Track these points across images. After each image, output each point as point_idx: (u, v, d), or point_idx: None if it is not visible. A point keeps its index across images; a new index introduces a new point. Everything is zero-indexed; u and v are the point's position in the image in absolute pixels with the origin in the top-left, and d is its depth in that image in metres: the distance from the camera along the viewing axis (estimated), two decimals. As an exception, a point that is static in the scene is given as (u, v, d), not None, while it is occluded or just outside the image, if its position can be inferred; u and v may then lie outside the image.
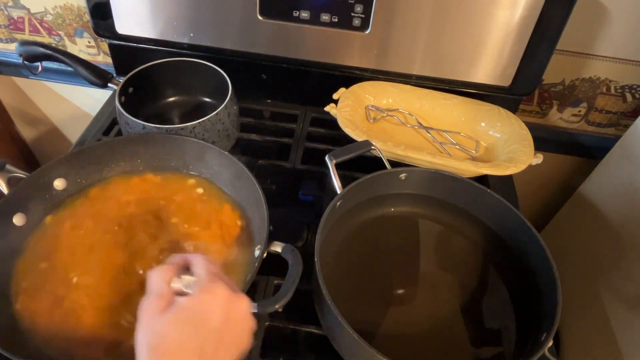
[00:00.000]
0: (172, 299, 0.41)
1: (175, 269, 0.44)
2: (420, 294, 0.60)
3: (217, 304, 0.41)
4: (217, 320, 0.40)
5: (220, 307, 0.41)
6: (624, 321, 0.85)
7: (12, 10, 0.98)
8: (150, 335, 0.39)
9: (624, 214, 0.87)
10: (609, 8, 0.80)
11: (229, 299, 0.42)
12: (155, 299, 0.41)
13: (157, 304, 0.40)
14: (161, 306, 0.40)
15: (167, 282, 0.42)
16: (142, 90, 0.79)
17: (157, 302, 0.41)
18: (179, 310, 0.40)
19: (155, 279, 0.43)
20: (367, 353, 0.47)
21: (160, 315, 0.40)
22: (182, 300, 0.41)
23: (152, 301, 0.41)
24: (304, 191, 0.79)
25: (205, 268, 0.43)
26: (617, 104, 0.96)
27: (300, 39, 0.81)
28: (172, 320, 0.39)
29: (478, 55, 0.79)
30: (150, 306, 0.41)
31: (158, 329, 0.39)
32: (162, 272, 0.43)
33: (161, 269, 0.43)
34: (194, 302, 0.41)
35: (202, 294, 0.41)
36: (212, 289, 0.41)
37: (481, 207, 0.67)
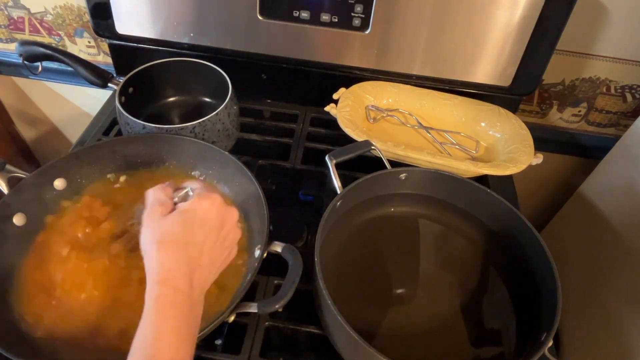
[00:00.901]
0: (173, 207, 0.46)
1: (172, 187, 0.49)
2: (420, 294, 0.60)
3: (214, 208, 0.46)
4: (214, 221, 0.45)
5: (217, 210, 0.46)
6: (624, 321, 0.85)
7: (12, 10, 0.98)
8: (157, 232, 0.43)
9: (624, 214, 0.87)
10: (609, 8, 0.80)
11: (223, 206, 0.47)
12: (158, 206, 0.45)
13: (161, 210, 0.45)
14: (165, 211, 0.45)
15: (168, 195, 0.47)
16: (142, 90, 0.79)
17: (160, 208, 0.45)
18: (182, 212, 0.44)
19: (154, 193, 0.47)
20: (367, 353, 0.47)
21: (165, 217, 0.44)
22: (183, 204, 0.46)
23: (156, 208, 0.45)
24: (304, 191, 0.79)
25: (200, 184, 0.48)
26: (617, 104, 0.96)
27: (300, 39, 0.81)
28: (177, 219, 0.44)
29: (478, 55, 0.79)
30: (154, 211, 0.45)
31: (164, 226, 0.43)
32: (161, 187, 0.48)
33: (160, 186, 0.48)
34: (195, 204, 0.45)
35: (201, 199, 0.45)
36: (209, 196, 0.46)
37: (481, 207, 0.67)
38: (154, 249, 0.42)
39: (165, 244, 0.42)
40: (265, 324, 0.59)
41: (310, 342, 0.62)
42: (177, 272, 0.41)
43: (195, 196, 0.46)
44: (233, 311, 0.52)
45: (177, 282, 0.40)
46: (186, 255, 0.42)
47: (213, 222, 0.45)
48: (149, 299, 0.40)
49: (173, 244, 0.42)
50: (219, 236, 0.46)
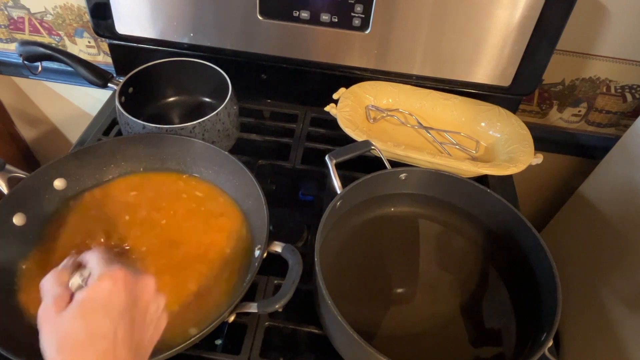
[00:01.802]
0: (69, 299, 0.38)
1: (68, 271, 0.41)
2: (420, 293, 0.60)
3: (118, 287, 0.38)
4: (122, 302, 0.38)
5: (123, 288, 0.38)
6: (624, 321, 0.85)
7: (12, 10, 0.98)
8: (55, 336, 0.36)
9: (624, 214, 0.87)
10: (609, 8, 0.80)
11: (131, 279, 0.39)
12: (52, 303, 0.38)
13: (55, 307, 0.38)
14: (60, 307, 0.38)
15: (62, 284, 0.40)
16: (142, 90, 0.79)
17: (54, 305, 0.38)
18: (79, 303, 0.37)
19: (47, 284, 0.40)
20: (367, 353, 0.47)
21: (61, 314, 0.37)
22: (79, 294, 0.38)
23: (48, 306, 0.38)
24: (304, 191, 0.79)
25: (99, 258, 0.41)
26: (617, 104, 0.96)
27: (300, 39, 0.81)
28: (75, 314, 0.37)
29: (478, 55, 0.79)
30: (47, 311, 0.38)
31: (62, 327, 0.36)
32: (55, 276, 0.40)
33: (53, 273, 0.40)
34: (94, 290, 0.38)
35: (100, 281, 0.38)
36: (109, 273, 0.39)
37: (481, 207, 0.67)
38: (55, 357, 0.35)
39: (67, 349, 0.35)
40: (265, 324, 0.59)
41: (310, 342, 0.62)
42: None
43: (93, 279, 0.39)
44: (233, 311, 0.52)
45: None
46: (95, 354, 0.35)
47: (122, 304, 0.38)
48: None
49: (76, 346, 0.35)
50: (134, 317, 0.38)
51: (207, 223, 0.64)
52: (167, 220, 0.64)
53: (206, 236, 0.62)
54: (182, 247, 0.61)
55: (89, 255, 0.42)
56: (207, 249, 0.61)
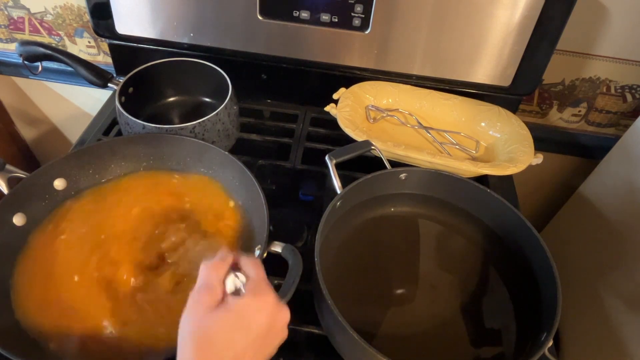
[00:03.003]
0: (222, 296, 0.41)
1: (227, 266, 0.43)
2: (420, 294, 0.60)
3: (264, 312, 0.41)
4: (262, 328, 0.40)
5: (267, 315, 0.41)
6: (624, 321, 0.85)
7: (12, 10, 0.98)
8: (197, 328, 0.39)
9: (624, 214, 0.87)
10: (609, 8, 0.80)
11: (276, 309, 0.42)
12: (207, 294, 0.41)
13: (208, 300, 0.40)
14: (212, 302, 0.40)
15: (220, 279, 0.42)
16: (142, 90, 0.79)
17: (208, 297, 0.40)
18: (229, 312, 0.40)
19: (208, 273, 0.42)
20: (367, 353, 0.47)
21: (210, 311, 0.40)
22: (233, 301, 0.41)
23: (203, 295, 0.40)
24: (304, 191, 0.79)
25: (257, 271, 0.43)
26: (617, 104, 0.96)
27: (300, 39, 0.81)
28: (221, 320, 0.39)
29: (478, 55, 0.79)
30: (201, 300, 0.40)
31: (206, 324, 0.39)
32: (216, 267, 0.42)
33: (215, 264, 0.43)
34: (245, 305, 0.40)
35: (253, 299, 0.41)
36: (263, 295, 0.41)
37: (481, 207, 0.67)
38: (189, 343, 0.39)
39: (202, 346, 0.38)
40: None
41: (310, 342, 0.62)
42: None
43: (247, 294, 0.41)
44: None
45: None
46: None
47: (260, 328, 0.40)
48: None
49: (209, 348, 0.38)
50: (263, 343, 0.41)
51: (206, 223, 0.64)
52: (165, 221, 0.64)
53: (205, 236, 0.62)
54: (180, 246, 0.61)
55: (247, 260, 0.44)
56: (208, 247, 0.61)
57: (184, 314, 0.40)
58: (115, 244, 0.60)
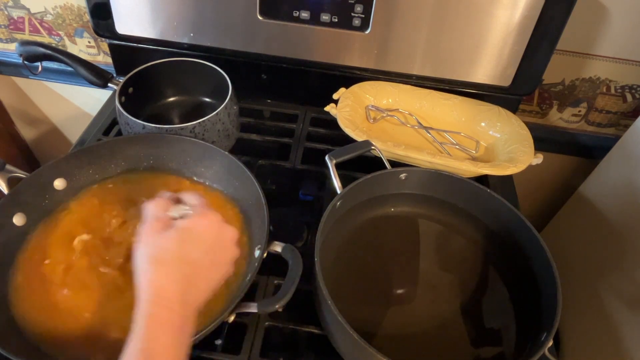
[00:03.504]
0: (170, 223, 0.45)
1: (170, 202, 0.48)
2: (420, 294, 0.60)
3: (211, 226, 0.46)
4: (210, 240, 0.45)
5: (214, 229, 0.46)
6: (624, 321, 0.85)
7: (12, 10, 0.98)
8: (152, 248, 0.43)
9: (624, 214, 0.87)
10: (609, 8, 0.80)
11: (221, 225, 0.47)
12: (156, 221, 0.45)
13: (157, 225, 0.45)
14: (161, 227, 0.44)
15: (165, 210, 0.46)
16: (142, 90, 0.79)
17: (157, 223, 0.45)
18: (179, 229, 0.44)
19: (153, 207, 0.47)
20: (367, 353, 0.47)
21: (161, 232, 0.44)
22: (180, 221, 0.45)
23: (152, 222, 0.45)
24: (304, 191, 0.79)
25: (198, 200, 0.48)
26: (617, 104, 0.96)
27: (300, 39, 0.81)
28: (173, 236, 0.44)
29: (478, 55, 0.79)
30: (151, 226, 0.45)
31: (159, 243, 0.43)
32: (159, 202, 0.47)
33: (157, 200, 0.47)
34: (192, 223, 0.45)
35: (198, 217, 0.46)
36: (206, 213, 0.46)
37: (481, 207, 0.67)
38: (147, 265, 0.42)
39: (159, 261, 0.42)
40: (265, 324, 0.59)
41: (310, 342, 0.62)
42: (169, 291, 0.40)
43: (193, 214, 0.46)
44: (233, 311, 0.52)
45: (169, 300, 0.40)
46: (180, 274, 0.42)
47: (210, 241, 0.45)
48: (139, 317, 0.39)
49: (167, 262, 0.42)
50: (215, 255, 0.45)
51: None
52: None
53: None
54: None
55: (188, 194, 0.49)
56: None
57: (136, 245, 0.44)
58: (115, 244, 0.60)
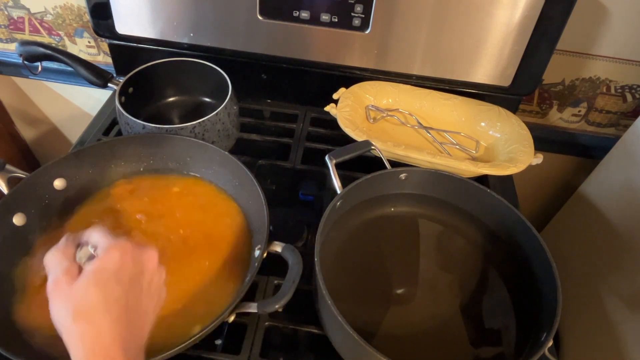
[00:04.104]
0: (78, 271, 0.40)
1: (72, 246, 0.43)
2: (420, 294, 0.60)
3: (127, 257, 0.41)
4: (130, 271, 0.40)
5: (130, 258, 0.41)
6: (623, 321, 0.85)
7: (12, 10, 0.98)
8: (70, 304, 0.38)
9: (624, 214, 0.87)
10: (609, 8, 0.80)
11: (137, 251, 0.42)
12: (62, 275, 0.40)
13: (66, 278, 0.39)
14: (70, 279, 0.39)
15: (69, 258, 0.41)
16: (142, 90, 0.79)
17: (65, 276, 0.39)
18: (91, 273, 0.39)
19: (54, 259, 0.41)
20: (367, 353, 0.47)
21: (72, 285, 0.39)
22: (91, 264, 0.40)
23: (58, 278, 0.40)
24: (304, 191, 0.79)
25: (103, 233, 0.43)
26: (617, 104, 0.96)
27: (300, 39, 0.81)
28: (89, 282, 0.38)
29: (478, 55, 0.79)
30: (58, 283, 0.39)
31: (75, 296, 0.38)
32: (60, 250, 0.42)
33: (57, 248, 0.42)
34: (104, 260, 0.40)
35: (110, 252, 0.40)
36: (116, 245, 0.41)
37: (481, 207, 0.67)
38: (72, 325, 0.37)
39: (82, 314, 0.37)
40: (265, 324, 0.59)
41: (310, 342, 0.62)
42: (105, 342, 0.36)
43: (101, 251, 0.41)
44: (233, 311, 0.52)
45: (107, 351, 0.36)
46: (109, 319, 0.37)
47: (130, 272, 0.40)
48: None
49: (91, 311, 0.37)
50: (142, 285, 0.41)
51: (206, 223, 0.64)
52: (166, 221, 0.64)
53: (205, 236, 0.62)
54: (181, 246, 0.61)
55: (90, 232, 0.43)
56: (206, 249, 0.61)
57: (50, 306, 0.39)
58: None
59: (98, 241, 0.42)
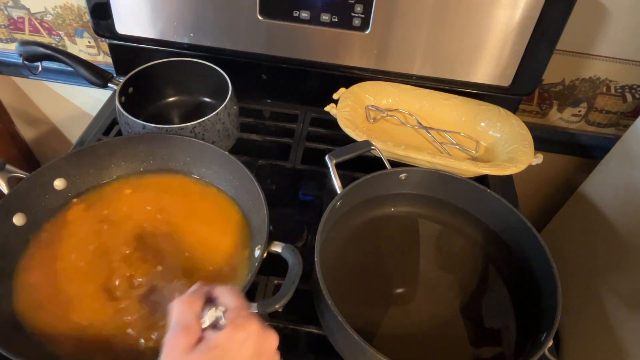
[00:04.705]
0: (200, 334, 0.38)
1: (200, 300, 0.40)
2: (420, 294, 0.60)
3: (249, 342, 0.38)
4: (249, 356, 0.38)
5: (253, 345, 0.38)
6: (623, 321, 0.85)
7: (12, 10, 0.98)
8: None
9: (624, 214, 0.87)
10: (609, 8, 0.80)
11: (261, 337, 0.39)
12: (183, 335, 0.37)
13: (186, 340, 0.37)
14: (190, 342, 0.37)
15: (195, 314, 0.38)
16: (142, 90, 0.79)
17: (185, 337, 0.37)
18: (211, 349, 0.37)
19: (181, 310, 0.38)
20: (367, 353, 0.47)
21: (189, 353, 0.36)
22: (213, 335, 0.37)
23: (179, 337, 0.37)
24: (304, 191, 0.79)
25: (233, 300, 0.40)
26: (617, 104, 0.96)
27: (300, 39, 0.81)
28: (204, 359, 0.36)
29: (478, 55, 0.79)
30: (178, 343, 0.37)
31: None
32: (189, 303, 0.39)
33: (187, 299, 0.39)
34: (227, 339, 0.37)
35: (235, 330, 0.38)
36: (244, 324, 0.38)
37: (481, 207, 0.67)
38: None
39: None
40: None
41: (310, 342, 0.62)
42: None
43: (227, 325, 0.38)
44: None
45: None
46: None
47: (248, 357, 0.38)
48: None
49: None
50: None
51: (206, 223, 0.64)
52: (166, 221, 0.64)
53: (206, 236, 0.62)
54: (181, 246, 0.61)
55: (222, 291, 0.41)
56: (206, 248, 0.61)
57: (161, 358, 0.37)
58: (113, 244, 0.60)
59: (228, 305, 0.40)
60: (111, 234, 0.62)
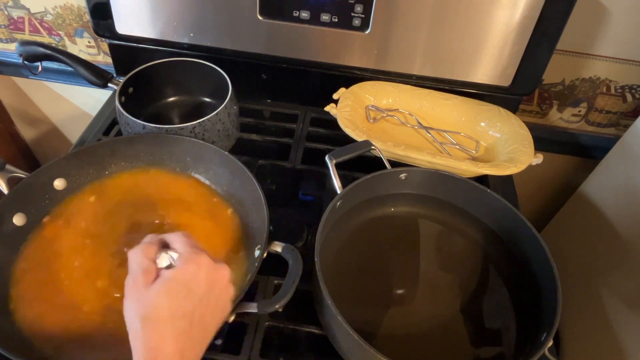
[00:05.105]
0: (157, 273, 0.42)
1: (155, 248, 0.44)
2: (420, 294, 0.60)
3: (201, 272, 0.43)
4: (202, 287, 0.42)
5: (205, 274, 0.43)
6: (624, 321, 0.85)
7: (12, 10, 0.98)
8: (141, 307, 0.40)
9: (624, 214, 0.87)
10: (609, 8, 0.80)
11: (212, 267, 0.44)
12: (141, 274, 0.42)
13: (143, 278, 0.41)
14: (147, 280, 0.41)
15: (151, 259, 0.43)
16: (142, 90, 0.79)
17: (143, 276, 0.42)
18: (167, 281, 0.41)
19: (138, 256, 0.43)
20: (367, 353, 0.47)
21: (149, 287, 0.41)
22: (168, 272, 0.42)
23: (138, 276, 0.42)
24: (304, 191, 0.79)
25: (185, 242, 0.45)
26: (617, 104, 0.96)
27: (300, 39, 0.81)
28: (162, 291, 0.41)
29: (478, 55, 0.79)
30: (137, 281, 0.42)
31: (148, 300, 0.40)
32: (144, 250, 0.44)
33: (142, 247, 0.44)
34: (180, 272, 0.42)
35: (187, 264, 0.42)
36: (196, 259, 0.43)
37: (481, 207, 0.67)
38: (138, 325, 0.39)
39: (151, 320, 0.39)
40: (265, 324, 0.59)
41: (310, 342, 0.62)
42: (166, 352, 0.38)
43: (180, 261, 0.43)
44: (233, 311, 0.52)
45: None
46: (175, 331, 0.39)
47: (202, 288, 0.42)
48: None
49: (159, 320, 0.39)
50: (209, 301, 0.43)
51: (206, 223, 0.64)
52: (166, 221, 0.64)
53: (206, 236, 0.62)
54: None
55: (174, 237, 0.45)
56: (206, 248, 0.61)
57: (124, 300, 0.42)
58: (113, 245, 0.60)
59: (179, 249, 0.44)
60: (109, 234, 0.62)
